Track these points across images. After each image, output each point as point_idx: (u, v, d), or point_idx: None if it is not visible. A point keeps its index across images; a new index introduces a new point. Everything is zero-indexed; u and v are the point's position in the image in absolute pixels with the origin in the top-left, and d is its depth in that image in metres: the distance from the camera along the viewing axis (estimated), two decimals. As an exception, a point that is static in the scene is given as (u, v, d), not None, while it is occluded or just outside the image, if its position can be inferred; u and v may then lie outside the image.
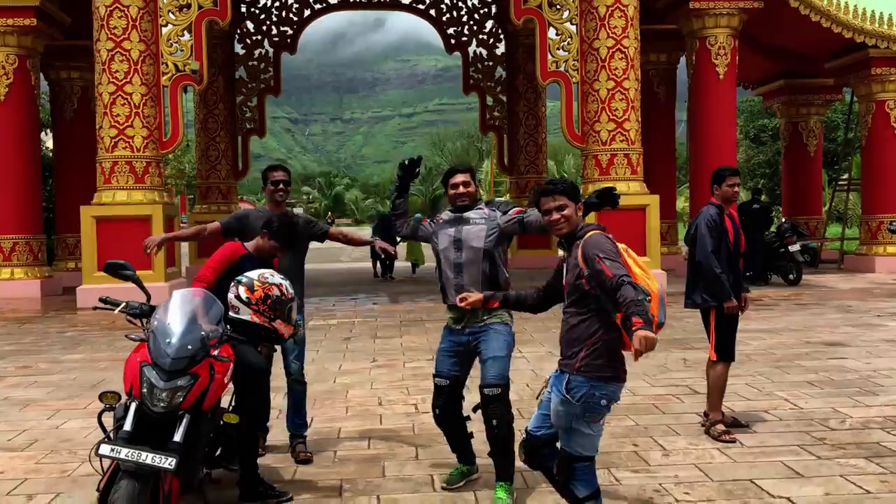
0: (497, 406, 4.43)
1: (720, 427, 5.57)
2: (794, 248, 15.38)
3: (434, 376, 4.74)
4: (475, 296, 4.22)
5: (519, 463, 4.25)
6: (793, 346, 9.05)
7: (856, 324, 10.54)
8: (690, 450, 5.33)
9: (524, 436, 3.90)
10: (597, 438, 3.67)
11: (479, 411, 4.52)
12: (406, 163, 4.92)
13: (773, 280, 15.77)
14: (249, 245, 4.81)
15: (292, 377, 5.48)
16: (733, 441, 5.44)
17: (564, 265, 3.77)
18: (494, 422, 4.43)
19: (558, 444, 3.76)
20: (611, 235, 3.71)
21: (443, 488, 4.71)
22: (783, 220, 18.74)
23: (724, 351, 5.73)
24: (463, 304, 4.22)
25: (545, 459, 3.85)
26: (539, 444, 3.84)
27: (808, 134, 21.70)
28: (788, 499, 4.46)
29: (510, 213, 4.68)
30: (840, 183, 21.58)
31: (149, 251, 5.06)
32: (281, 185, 5.39)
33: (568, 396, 3.58)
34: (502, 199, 5.10)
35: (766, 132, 40.06)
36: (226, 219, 5.45)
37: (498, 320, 4.58)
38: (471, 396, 4.89)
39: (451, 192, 4.70)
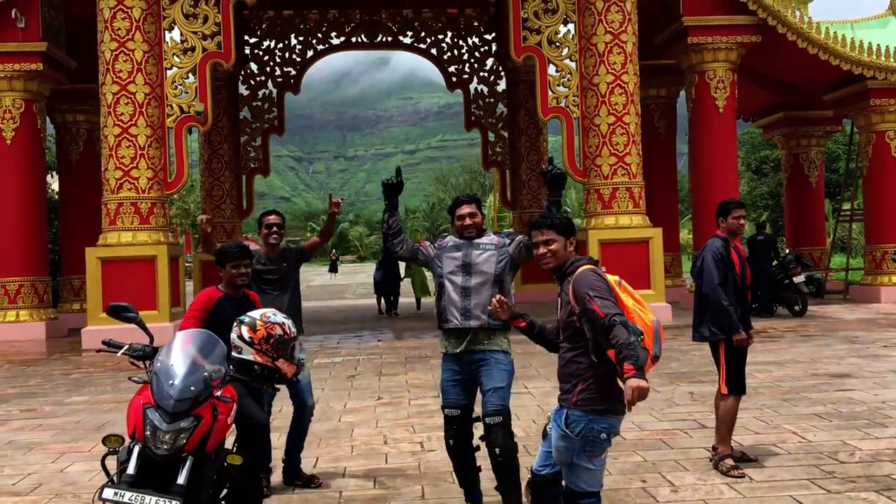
0: (499, 434, 4.44)
1: (729, 462, 5.52)
2: (799, 279, 15.33)
3: (443, 408, 4.74)
4: (507, 305, 3.97)
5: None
6: (800, 378, 8.99)
7: (862, 355, 10.47)
8: (699, 485, 5.28)
9: (530, 476, 3.86)
10: (600, 473, 3.64)
11: (484, 442, 4.53)
12: (388, 181, 4.99)
13: (779, 311, 15.71)
14: (222, 285, 4.94)
15: (306, 413, 5.60)
16: (742, 476, 5.39)
17: (559, 300, 3.77)
18: (497, 450, 4.43)
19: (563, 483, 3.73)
20: (602, 269, 3.70)
21: None
22: (787, 251, 18.72)
23: (735, 384, 5.70)
24: (491, 308, 4.02)
25: (550, 499, 3.81)
26: (545, 483, 3.82)
27: (810, 165, 21.77)
28: (799, 534, 4.40)
29: (517, 239, 4.73)
30: (843, 213, 21.58)
31: (203, 225, 5.40)
32: (274, 229, 5.71)
33: (567, 431, 3.57)
34: (509, 229, 5.11)
35: (768, 163, 40.19)
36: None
37: (497, 348, 4.60)
38: (478, 431, 4.86)
39: (458, 223, 4.74)
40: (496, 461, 4.47)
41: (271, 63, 22.03)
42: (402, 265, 20.81)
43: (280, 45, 22.07)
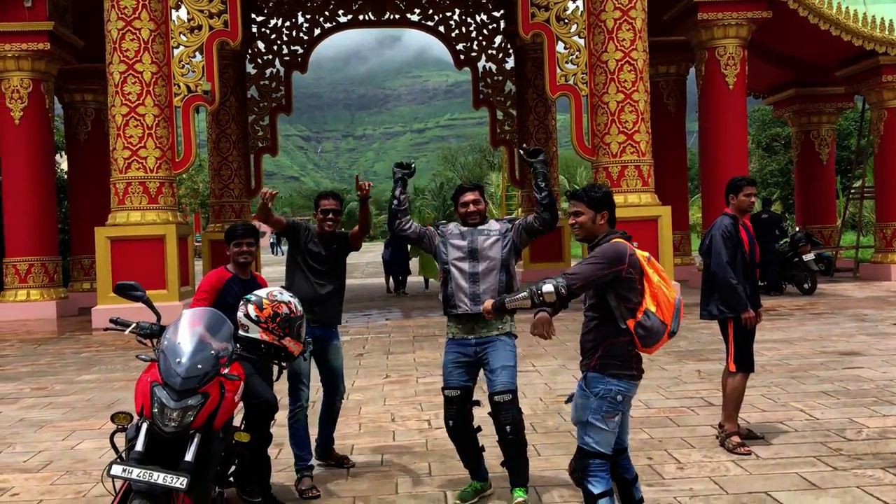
0: (509, 412, 4.52)
1: (735, 439, 5.53)
2: (809, 257, 15.27)
3: (443, 389, 4.76)
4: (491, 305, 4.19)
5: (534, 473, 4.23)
6: (808, 356, 8.98)
7: (871, 333, 10.44)
8: (705, 462, 5.30)
9: (575, 454, 3.89)
10: (611, 437, 3.80)
11: (492, 420, 4.58)
12: (402, 163, 5.01)
13: (788, 289, 15.67)
14: (230, 266, 4.89)
15: (338, 397, 5.50)
16: (749, 453, 5.40)
17: None
18: (508, 428, 4.51)
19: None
20: (635, 244, 3.92)
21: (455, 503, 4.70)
22: (797, 229, 18.60)
23: (743, 362, 5.70)
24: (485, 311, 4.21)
25: (623, 471, 3.98)
26: (615, 454, 3.93)
27: (820, 142, 21.60)
28: (804, 511, 4.42)
29: (516, 224, 4.83)
30: (853, 191, 21.44)
31: (265, 199, 5.06)
32: (330, 215, 5.30)
33: (586, 390, 3.81)
34: (512, 215, 5.04)
35: (779, 141, 39.91)
36: (289, 219, 5.45)
37: (504, 331, 4.68)
38: (477, 413, 4.88)
39: (462, 210, 4.79)
40: (506, 438, 4.54)
41: (278, 41, 21.93)
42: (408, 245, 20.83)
43: (287, 24, 21.95)
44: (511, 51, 22.44)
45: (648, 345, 3.81)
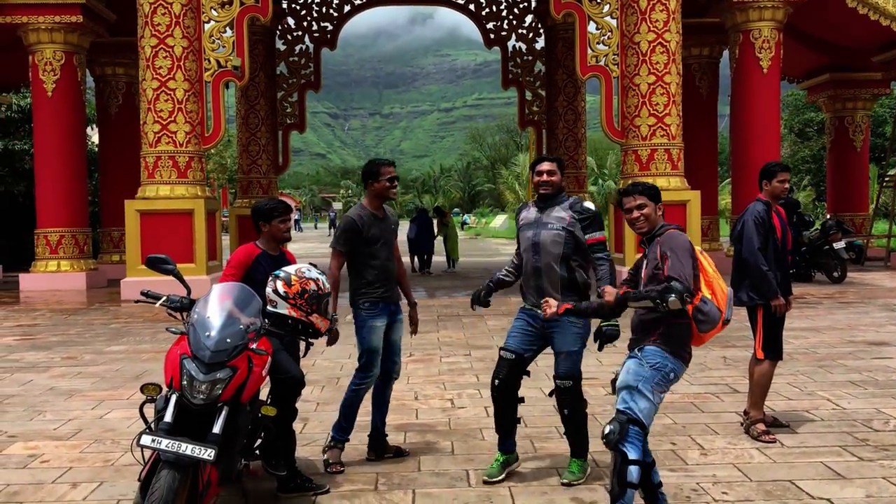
0: (568, 396, 4.71)
1: (760, 427, 5.50)
2: (839, 245, 15.07)
3: (500, 349, 4.87)
4: (552, 307, 4.24)
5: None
6: (836, 345, 8.89)
7: (902, 323, 10.32)
8: (729, 449, 5.28)
9: (613, 419, 3.89)
10: (653, 410, 3.88)
11: (554, 398, 4.80)
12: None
13: (817, 278, 15.49)
14: (261, 242, 4.83)
15: (392, 378, 5.34)
16: (773, 441, 5.37)
17: (644, 261, 4.09)
18: (566, 411, 4.73)
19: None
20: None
21: (484, 482, 4.74)
22: (828, 216, 18.38)
23: (772, 349, 5.65)
24: (545, 315, 4.31)
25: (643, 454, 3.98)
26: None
27: (855, 129, 21.26)
28: (829, 500, 4.39)
29: (586, 231, 4.71)
30: (887, 179, 21.09)
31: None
32: (395, 182, 5.20)
33: (642, 360, 3.90)
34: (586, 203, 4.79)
35: (812, 127, 39.32)
36: (339, 245, 5.07)
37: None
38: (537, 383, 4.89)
39: (536, 178, 4.83)
40: (564, 418, 4.75)
41: (308, 18, 21.93)
42: (435, 223, 20.83)
43: (318, 0, 21.94)
44: (541, 30, 22.26)
45: (704, 330, 3.94)
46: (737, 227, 5.75)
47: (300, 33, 21.88)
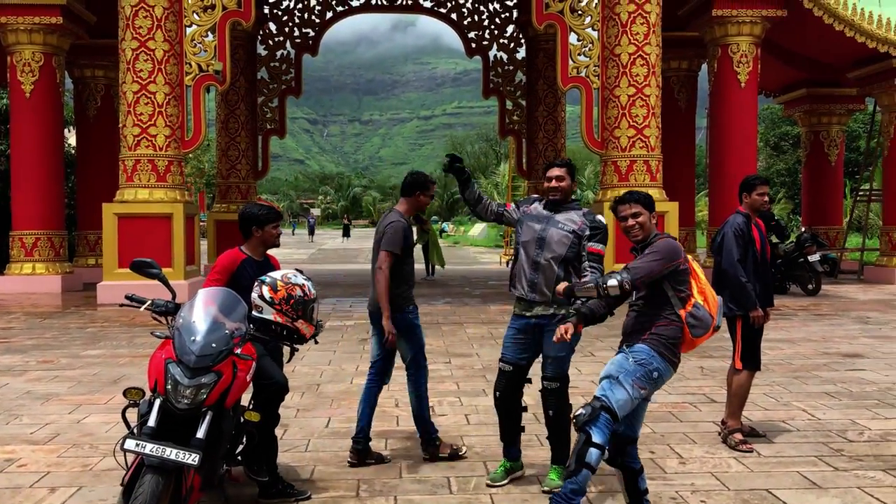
0: (554, 398, 4.76)
1: (738, 436, 5.57)
2: (814, 257, 15.28)
3: (499, 361, 4.93)
4: (566, 331, 4.22)
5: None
6: (811, 356, 9.01)
7: (874, 335, 10.48)
8: (707, 458, 5.33)
9: (587, 403, 4.00)
10: (630, 405, 3.94)
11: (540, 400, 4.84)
12: (449, 164, 5.03)
13: (792, 290, 15.69)
14: (246, 247, 4.83)
15: (387, 378, 5.51)
16: (751, 450, 5.44)
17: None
18: (551, 412, 4.78)
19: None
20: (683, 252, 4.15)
21: (487, 485, 4.82)
22: (803, 229, 18.63)
23: (750, 360, 5.73)
24: (556, 340, 4.27)
25: (630, 461, 4.10)
26: (625, 442, 4.07)
27: (830, 143, 21.57)
28: (805, 509, 4.46)
29: (589, 241, 4.72)
30: (861, 193, 21.44)
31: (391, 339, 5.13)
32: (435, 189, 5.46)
33: (629, 354, 4.02)
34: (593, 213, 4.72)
35: (787, 140, 39.85)
36: (397, 249, 5.13)
37: (563, 316, 4.67)
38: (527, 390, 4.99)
39: (546, 184, 4.88)
40: (549, 419, 4.81)
41: (290, 23, 21.92)
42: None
43: (299, 6, 21.94)
44: (523, 41, 22.41)
45: (697, 335, 4.05)
46: (717, 239, 5.83)
47: (282, 39, 21.87)
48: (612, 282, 3.94)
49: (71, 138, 22.56)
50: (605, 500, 4.57)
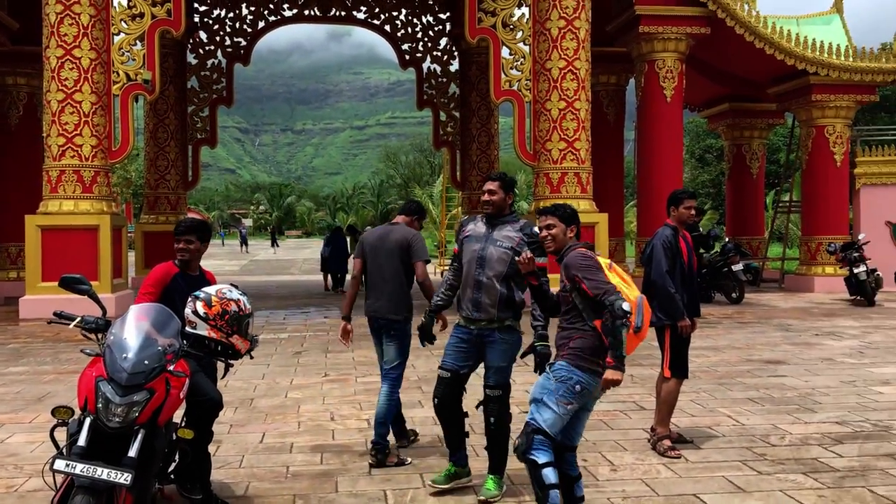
0: (496, 406, 4.83)
1: (667, 443, 5.72)
2: (737, 267, 15.78)
3: (439, 368, 4.99)
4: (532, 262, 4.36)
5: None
6: (735, 363, 9.31)
7: (795, 342, 10.87)
8: (637, 465, 5.47)
9: (521, 432, 4.15)
10: (559, 421, 4.06)
11: (482, 408, 4.89)
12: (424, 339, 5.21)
13: (717, 298, 16.16)
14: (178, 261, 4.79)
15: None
16: (679, 456, 5.60)
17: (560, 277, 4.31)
18: (492, 419, 4.83)
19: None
20: (598, 252, 4.28)
21: (429, 485, 4.90)
22: (727, 239, 19.22)
23: (679, 368, 5.91)
24: (520, 261, 4.36)
25: (567, 464, 4.25)
26: (563, 450, 4.21)
27: (751, 156, 22.32)
28: (730, 513, 4.61)
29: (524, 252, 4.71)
30: (781, 204, 22.23)
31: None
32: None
33: (549, 373, 4.15)
34: (530, 224, 4.73)
35: (712, 152, 41.05)
36: (427, 255, 5.78)
37: (505, 328, 4.84)
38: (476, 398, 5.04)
39: (481, 196, 5.04)
40: (489, 428, 4.85)
41: (221, 32, 21.64)
42: (349, 241, 20.77)
43: (231, 15, 21.69)
44: (456, 53, 22.58)
45: (638, 323, 4.14)
46: (646, 251, 6.00)
47: (213, 48, 21.57)
48: (626, 306, 4.00)
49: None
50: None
